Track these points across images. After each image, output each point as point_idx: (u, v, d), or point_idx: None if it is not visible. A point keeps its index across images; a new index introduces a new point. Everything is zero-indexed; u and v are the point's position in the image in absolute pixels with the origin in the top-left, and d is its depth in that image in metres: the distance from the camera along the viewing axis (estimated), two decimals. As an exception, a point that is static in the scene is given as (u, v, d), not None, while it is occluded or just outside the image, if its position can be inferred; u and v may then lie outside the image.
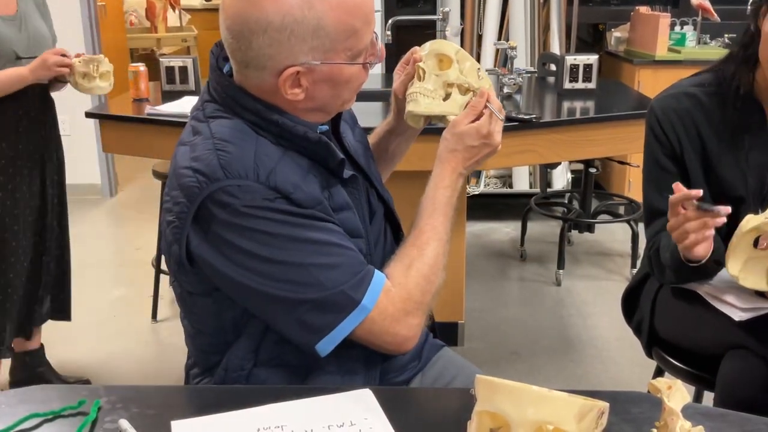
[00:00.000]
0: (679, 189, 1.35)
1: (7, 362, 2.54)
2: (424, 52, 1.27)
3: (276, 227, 1.07)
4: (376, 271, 1.14)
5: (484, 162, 1.27)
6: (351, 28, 1.09)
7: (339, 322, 1.09)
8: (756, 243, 1.37)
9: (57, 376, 2.61)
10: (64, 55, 2.25)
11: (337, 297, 1.09)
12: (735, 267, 1.37)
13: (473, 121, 1.22)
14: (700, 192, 1.32)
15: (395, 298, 1.13)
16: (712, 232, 1.37)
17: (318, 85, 1.12)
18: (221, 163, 1.07)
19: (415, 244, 1.19)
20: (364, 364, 1.19)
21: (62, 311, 2.57)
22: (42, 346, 2.60)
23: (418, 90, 1.25)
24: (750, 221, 1.34)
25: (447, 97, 1.25)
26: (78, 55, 2.30)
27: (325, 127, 1.23)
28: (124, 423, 0.97)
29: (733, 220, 1.38)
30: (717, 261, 1.45)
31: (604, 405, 0.85)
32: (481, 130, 1.21)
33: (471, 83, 1.25)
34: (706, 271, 1.50)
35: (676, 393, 0.88)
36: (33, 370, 2.56)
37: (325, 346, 1.11)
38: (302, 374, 1.19)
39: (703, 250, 1.42)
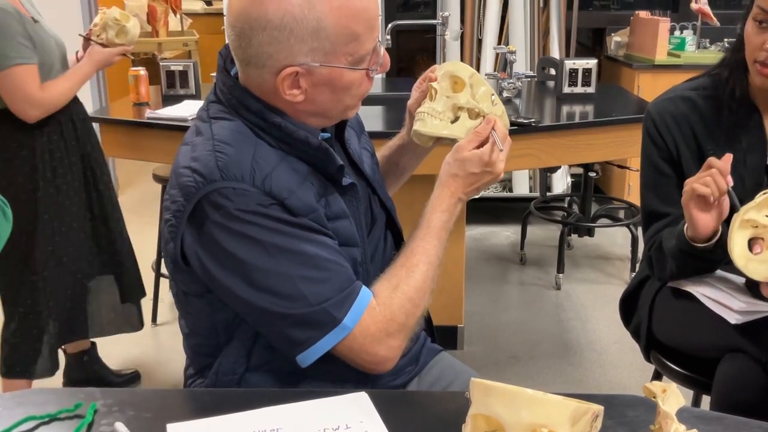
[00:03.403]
0: (728, 161, 1.39)
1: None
2: (440, 72, 1.26)
3: (266, 235, 1.07)
4: (363, 288, 1.13)
5: (485, 188, 1.26)
6: (352, 32, 1.09)
7: (319, 338, 1.09)
8: (750, 247, 1.37)
9: (111, 372, 2.64)
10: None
11: (318, 315, 1.08)
12: (740, 263, 1.37)
13: (477, 147, 1.21)
14: (731, 183, 1.40)
15: (378, 318, 1.13)
16: (726, 209, 1.42)
17: (318, 89, 1.12)
18: (219, 164, 1.08)
19: (404, 264, 1.18)
20: (356, 370, 1.18)
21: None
22: (94, 343, 2.61)
23: (426, 110, 1.24)
24: (743, 211, 1.36)
25: (456, 120, 1.25)
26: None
27: (328, 135, 1.23)
28: (120, 426, 0.97)
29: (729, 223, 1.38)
30: (723, 247, 1.45)
31: (599, 408, 0.85)
32: (484, 158, 1.20)
33: (482, 108, 1.24)
34: (711, 258, 1.50)
35: (671, 396, 0.88)
36: (90, 368, 2.57)
37: (305, 358, 1.11)
38: (294, 380, 1.19)
39: (713, 222, 1.43)
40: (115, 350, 2.94)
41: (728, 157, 1.41)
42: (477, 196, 1.28)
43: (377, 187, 1.32)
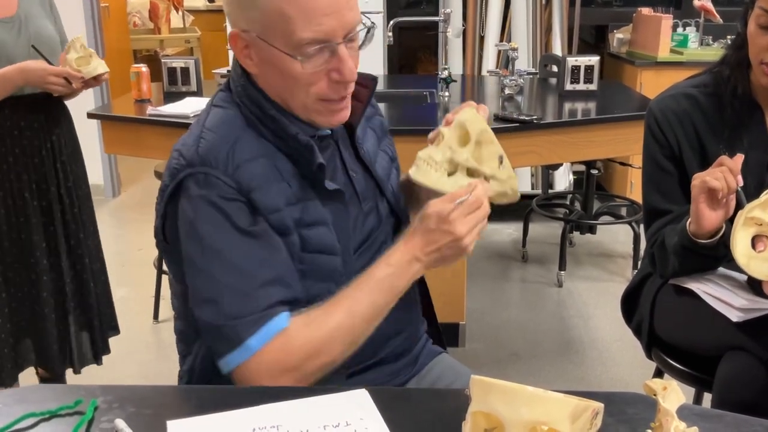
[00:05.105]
0: (739, 161, 1.39)
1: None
2: (457, 117, 1.18)
3: (211, 232, 1.09)
4: (282, 315, 1.09)
5: (452, 259, 1.13)
6: (282, 12, 1.06)
7: (226, 354, 1.08)
8: (754, 245, 1.37)
9: None
10: (68, 80, 2.09)
11: (229, 330, 1.07)
12: (742, 260, 1.37)
13: None
14: (741, 182, 1.39)
15: (279, 350, 1.08)
16: (732, 208, 1.41)
17: (267, 67, 1.12)
18: (199, 149, 1.11)
19: (327, 308, 1.11)
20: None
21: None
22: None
23: (424, 157, 1.18)
24: (747, 209, 1.35)
25: (453, 173, 1.18)
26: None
27: (327, 131, 1.22)
28: (120, 423, 0.97)
29: (733, 221, 1.38)
30: (725, 245, 1.44)
31: (599, 405, 0.85)
32: (442, 213, 1.09)
33: (482, 170, 1.16)
34: (713, 254, 1.50)
35: (671, 393, 0.88)
36: None
37: (221, 367, 1.10)
38: None
39: (718, 220, 1.43)
40: (116, 347, 2.94)
41: (739, 158, 1.40)
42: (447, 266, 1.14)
43: (385, 190, 1.29)
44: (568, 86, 3.10)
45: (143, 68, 2.98)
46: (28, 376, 2.40)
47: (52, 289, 2.27)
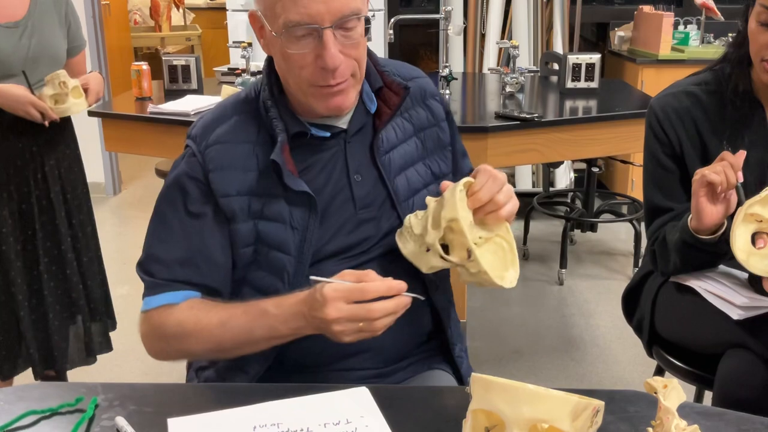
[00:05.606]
0: (741, 157, 1.39)
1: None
2: (445, 193, 1.11)
3: (168, 203, 1.21)
4: (181, 292, 1.19)
5: (331, 336, 1.05)
6: None
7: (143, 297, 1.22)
8: (753, 241, 1.37)
9: None
10: (43, 114, 2.07)
11: (143, 282, 1.22)
12: (741, 256, 1.37)
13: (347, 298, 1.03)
14: (741, 179, 1.39)
15: (158, 317, 1.19)
16: (733, 204, 1.41)
17: (270, 47, 1.16)
18: (196, 124, 1.23)
19: (213, 308, 1.16)
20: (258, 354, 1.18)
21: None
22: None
23: (407, 224, 1.16)
24: (747, 205, 1.36)
25: (429, 249, 1.13)
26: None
27: (327, 133, 1.20)
28: (121, 420, 0.97)
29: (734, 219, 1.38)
30: (727, 241, 1.44)
31: (599, 403, 0.85)
32: (324, 288, 1.03)
33: (450, 258, 1.10)
34: (714, 251, 1.49)
35: (672, 391, 0.88)
36: None
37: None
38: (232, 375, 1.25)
39: (718, 215, 1.42)
40: (117, 345, 2.94)
41: (741, 154, 1.40)
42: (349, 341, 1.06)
43: (399, 204, 1.24)
44: (569, 84, 3.09)
45: (144, 66, 2.97)
46: (30, 374, 2.40)
47: (27, 292, 2.25)
